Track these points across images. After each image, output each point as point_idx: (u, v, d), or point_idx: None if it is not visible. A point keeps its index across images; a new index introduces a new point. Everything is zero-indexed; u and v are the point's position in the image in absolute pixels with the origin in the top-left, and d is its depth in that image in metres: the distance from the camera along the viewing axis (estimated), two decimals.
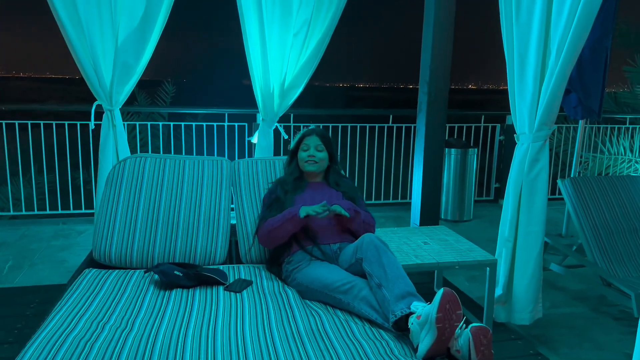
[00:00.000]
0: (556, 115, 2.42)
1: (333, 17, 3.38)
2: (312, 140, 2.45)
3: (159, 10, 3.02)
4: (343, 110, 9.54)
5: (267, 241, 2.31)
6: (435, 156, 3.53)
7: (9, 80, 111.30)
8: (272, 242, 2.30)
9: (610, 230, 3.12)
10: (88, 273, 2.21)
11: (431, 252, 2.56)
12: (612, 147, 5.90)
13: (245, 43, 3.28)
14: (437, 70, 3.37)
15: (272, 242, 2.30)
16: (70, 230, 4.30)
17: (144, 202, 2.43)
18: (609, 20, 3.60)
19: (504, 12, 2.48)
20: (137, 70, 3.08)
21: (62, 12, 2.86)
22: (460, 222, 4.92)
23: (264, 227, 2.30)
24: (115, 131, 3.07)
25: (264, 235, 2.30)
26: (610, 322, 2.94)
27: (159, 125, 4.82)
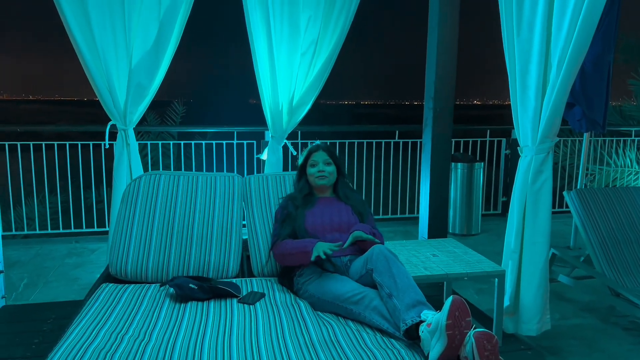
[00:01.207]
0: (558, 127, 2.47)
1: (339, 37, 3.47)
2: (320, 156, 2.51)
3: (171, 32, 3.12)
4: (350, 127, 9.62)
5: (281, 261, 2.39)
6: (442, 170, 3.58)
7: (19, 102, 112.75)
8: (286, 263, 2.37)
9: (617, 240, 3.15)
10: (105, 287, 2.27)
11: (440, 264, 2.60)
12: (619, 160, 5.93)
13: (255, 62, 3.38)
14: (441, 86, 3.44)
15: (286, 263, 2.37)
16: (83, 249, 4.37)
17: (158, 218, 2.50)
18: (610, 34, 3.67)
19: (505, 28, 2.55)
20: (151, 91, 3.18)
21: (78, 35, 2.97)
22: (469, 236, 4.94)
23: (280, 248, 2.35)
24: (129, 150, 3.16)
25: (279, 256, 2.37)
26: (620, 333, 2.94)
27: (170, 144, 4.92)
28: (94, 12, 2.94)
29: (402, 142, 5.27)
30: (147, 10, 3.06)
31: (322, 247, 2.17)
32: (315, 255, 2.16)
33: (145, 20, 3.07)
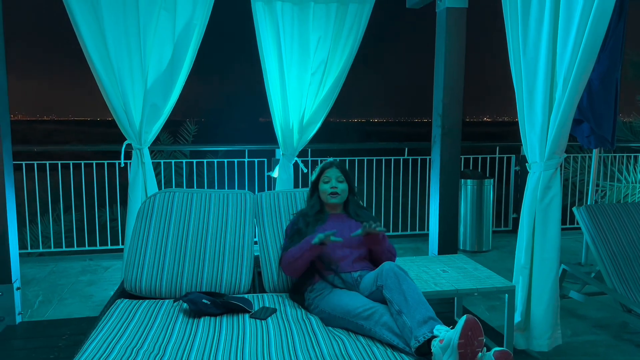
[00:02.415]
0: (565, 144, 2.50)
1: (349, 57, 3.55)
2: (333, 172, 2.55)
3: (185, 53, 3.22)
4: (359, 144, 9.67)
5: (291, 271, 2.41)
6: (451, 187, 3.61)
7: (33, 123, 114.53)
8: (295, 271, 2.39)
9: (628, 256, 3.14)
10: (120, 303, 2.31)
11: (450, 280, 2.61)
12: (629, 176, 5.91)
13: (266, 82, 3.46)
14: (449, 104, 3.49)
15: (296, 271, 2.39)
16: (96, 266, 4.43)
17: (172, 234, 2.55)
18: (616, 51, 3.70)
19: (511, 47, 2.61)
20: (165, 111, 3.26)
21: (95, 57, 3.07)
22: (479, 253, 4.94)
23: (285, 258, 2.39)
24: (144, 168, 3.23)
25: (286, 266, 2.40)
26: (633, 349, 2.92)
27: (182, 162, 5.00)
28: (110, 34, 3.04)
29: (412, 159, 5.31)
30: (162, 31, 3.16)
31: (320, 235, 2.24)
32: (317, 240, 2.23)
33: (160, 41, 3.17)
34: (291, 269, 2.38)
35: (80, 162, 4.68)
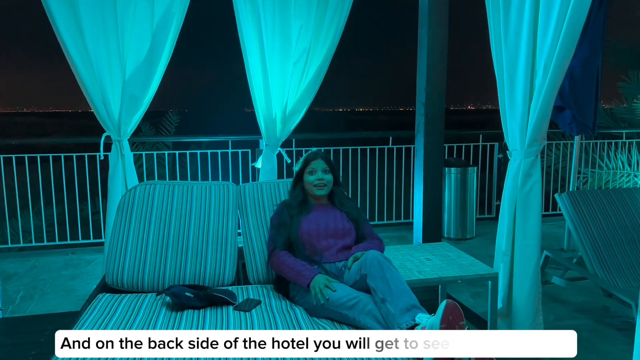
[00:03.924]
0: (546, 131, 2.51)
1: (331, 46, 3.52)
2: (318, 164, 2.51)
3: (164, 43, 3.16)
4: (344, 134, 9.69)
5: (277, 271, 2.39)
6: (435, 175, 3.62)
7: (13, 116, 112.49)
8: (280, 274, 2.38)
9: (609, 242, 3.18)
10: (102, 297, 2.28)
11: (434, 268, 2.62)
12: (610, 162, 5.99)
13: (248, 72, 3.42)
14: (432, 93, 3.49)
15: (281, 275, 2.38)
16: (79, 260, 4.38)
17: (154, 227, 2.52)
18: (597, 39, 3.73)
19: (493, 34, 2.60)
20: (144, 102, 3.21)
21: (71, 48, 3.00)
22: (463, 240, 4.98)
23: (278, 261, 2.34)
24: (124, 160, 3.18)
25: (275, 267, 2.38)
26: (614, 333, 2.97)
27: (164, 154, 4.94)
28: (86, 25, 2.98)
29: (396, 148, 5.32)
30: (139, 22, 3.10)
31: (320, 281, 2.14)
32: (313, 290, 2.14)
33: (138, 32, 3.11)
34: (278, 270, 2.37)
35: (60, 155, 4.60)
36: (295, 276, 2.25)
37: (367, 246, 2.38)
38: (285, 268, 2.30)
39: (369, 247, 2.35)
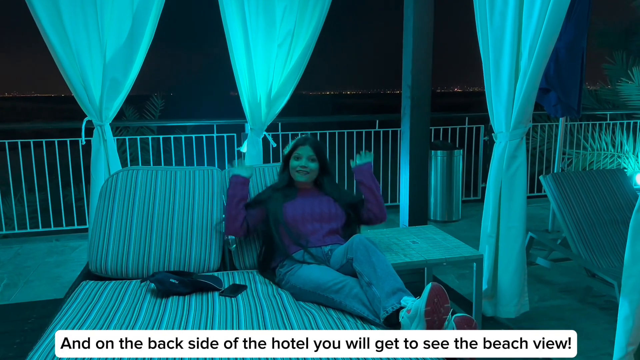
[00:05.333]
0: (531, 114, 2.51)
1: (315, 27, 3.47)
2: (305, 151, 2.47)
3: (145, 26, 3.09)
4: (330, 117, 9.63)
5: (231, 226, 2.42)
6: (421, 158, 3.62)
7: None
8: (233, 223, 2.41)
9: (592, 222, 3.22)
10: (85, 285, 2.26)
11: (420, 251, 2.63)
12: (595, 143, 6.04)
13: (231, 55, 3.36)
14: (418, 75, 3.47)
15: (234, 223, 2.41)
16: (63, 247, 4.33)
17: (137, 213, 2.48)
18: (582, 21, 3.72)
19: (478, 16, 2.58)
20: (126, 86, 3.14)
21: (50, 31, 2.92)
22: (449, 223, 5.01)
23: (225, 217, 2.43)
24: (106, 146, 3.13)
25: (229, 223, 2.43)
26: (597, 312, 3.02)
27: (149, 139, 4.87)
28: (65, 8, 2.90)
29: (383, 132, 5.30)
30: (119, 4, 3.02)
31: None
32: (234, 173, 2.35)
33: (118, 14, 3.03)
34: (232, 222, 2.41)
35: (41, 141, 4.51)
36: (230, 199, 2.41)
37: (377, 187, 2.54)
38: (227, 210, 2.43)
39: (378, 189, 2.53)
